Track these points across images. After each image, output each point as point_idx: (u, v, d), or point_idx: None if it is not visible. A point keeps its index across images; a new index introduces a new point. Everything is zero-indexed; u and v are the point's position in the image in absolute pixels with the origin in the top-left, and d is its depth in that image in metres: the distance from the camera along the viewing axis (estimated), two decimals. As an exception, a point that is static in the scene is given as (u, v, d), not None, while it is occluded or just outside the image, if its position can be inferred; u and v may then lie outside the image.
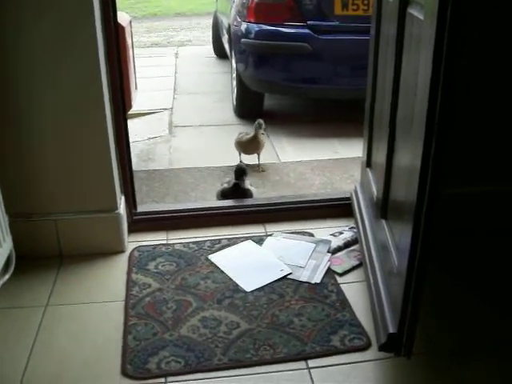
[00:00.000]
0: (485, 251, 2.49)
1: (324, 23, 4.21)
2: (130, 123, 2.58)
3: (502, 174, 2.59)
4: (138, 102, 4.94)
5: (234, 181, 2.98)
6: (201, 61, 7.36)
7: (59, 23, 2.13)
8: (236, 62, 4.72)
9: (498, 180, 2.60)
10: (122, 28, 3.23)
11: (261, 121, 3.68)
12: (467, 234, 2.55)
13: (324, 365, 1.87)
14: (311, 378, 1.81)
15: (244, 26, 4.43)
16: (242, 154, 3.78)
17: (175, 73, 6.66)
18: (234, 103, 4.93)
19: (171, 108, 5.18)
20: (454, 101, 1.47)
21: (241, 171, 3.01)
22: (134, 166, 2.70)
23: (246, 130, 3.85)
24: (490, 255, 2.46)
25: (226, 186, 3.02)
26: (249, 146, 3.70)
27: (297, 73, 4.30)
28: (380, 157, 2.22)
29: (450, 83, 1.42)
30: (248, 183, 3.04)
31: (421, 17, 1.59)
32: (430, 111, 1.46)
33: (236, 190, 2.96)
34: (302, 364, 1.87)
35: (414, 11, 1.71)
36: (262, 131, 3.67)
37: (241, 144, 3.73)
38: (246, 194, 2.99)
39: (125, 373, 1.83)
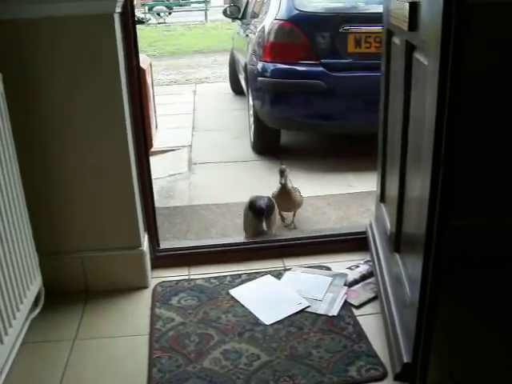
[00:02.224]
0: (499, 280, 2.53)
1: (337, 61, 4.31)
2: (151, 161, 2.68)
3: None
4: (158, 140, 5.08)
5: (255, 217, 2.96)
6: (218, 98, 7.51)
7: (89, 75, 2.26)
8: (253, 100, 4.83)
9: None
10: (143, 71, 3.36)
11: (282, 167, 3.36)
12: (482, 264, 2.60)
13: (342, 395, 1.93)
14: (329, 408, 1.87)
15: (260, 64, 4.55)
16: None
17: (193, 110, 6.80)
18: (252, 139, 5.04)
19: (190, 145, 5.29)
20: (460, 133, 1.54)
21: (260, 212, 2.96)
22: (156, 203, 2.79)
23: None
24: (505, 284, 2.51)
25: (257, 201, 3.03)
26: (280, 200, 3.27)
27: (312, 109, 4.39)
28: (393, 191, 2.29)
29: (454, 119, 1.50)
30: (264, 224, 2.94)
31: (425, 62, 1.68)
32: (436, 143, 1.54)
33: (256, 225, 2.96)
34: (320, 394, 1.94)
35: (419, 56, 1.80)
36: (290, 184, 3.34)
37: (274, 199, 3.27)
38: (263, 234, 2.94)
39: (150, 404, 1.91)
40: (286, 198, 3.30)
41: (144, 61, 3.59)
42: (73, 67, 2.25)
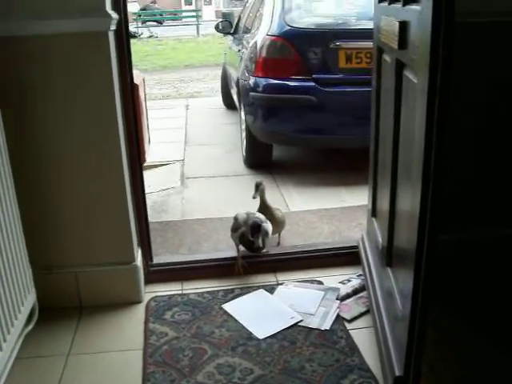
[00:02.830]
0: (489, 294, 2.56)
1: (329, 76, 4.34)
2: (143, 175, 2.71)
3: (503, 218, 2.69)
4: (151, 155, 5.10)
5: (249, 237, 2.82)
6: (210, 112, 7.54)
7: (84, 90, 2.29)
8: (245, 114, 4.86)
9: (501, 224, 2.70)
10: (137, 86, 3.39)
11: (258, 181, 3.30)
12: (472, 278, 2.64)
13: (334, 408, 1.95)
14: (323, 421, 1.89)
15: (252, 79, 4.59)
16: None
17: (186, 124, 6.83)
18: (244, 154, 5.07)
19: (183, 159, 5.31)
20: (449, 149, 1.58)
21: (255, 228, 2.83)
22: (148, 218, 2.81)
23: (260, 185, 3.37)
24: (494, 297, 2.54)
25: (244, 229, 2.86)
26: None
27: (303, 124, 4.42)
28: (384, 205, 2.32)
29: (443, 135, 1.53)
30: (260, 240, 2.83)
31: (414, 80, 1.72)
32: (425, 159, 1.57)
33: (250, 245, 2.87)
34: (313, 408, 1.95)
35: (408, 74, 1.84)
36: (274, 207, 3.25)
37: None
38: (258, 250, 2.87)
39: (145, 419, 1.92)
40: (266, 214, 3.10)
41: (137, 76, 3.62)
42: (68, 82, 2.27)
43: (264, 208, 3.23)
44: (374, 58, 2.55)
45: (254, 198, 3.23)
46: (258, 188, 3.22)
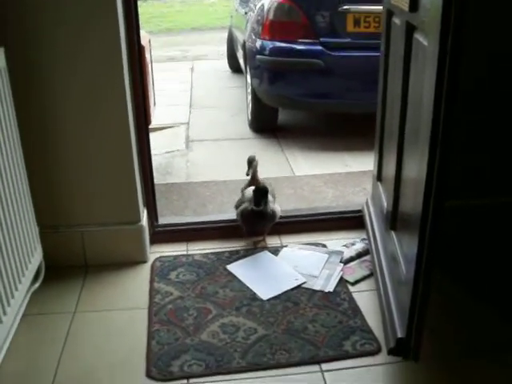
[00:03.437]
0: (491, 259, 2.59)
1: (336, 40, 4.32)
2: (149, 138, 2.71)
3: (507, 186, 2.70)
4: (156, 117, 5.08)
5: (253, 207, 2.66)
6: (216, 75, 7.50)
7: (89, 45, 2.27)
8: (251, 77, 4.84)
9: (505, 192, 2.71)
10: (143, 47, 3.37)
11: (251, 156, 3.00)
12: (476, 244, 2.65)
13: (336, 368, 1.97)
14: (324, 381, 1.92)
15: (259, 42, 4.56)
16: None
17: (191, 87, 6.80)
18: (249, 117, 5.06)
19: (188, 122, 5.30)
20: (457, 115, 1.57)
21: (261, 193, 2.67)
22: (154, 180, 2.82)
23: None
24: (497, 263, 2.56)
25: (246, 205, 2.71)
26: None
27: (310, 88, 4.40)
28: (390, 170, 2.32)
29: (452, 101, 1.53)
30: (271, 203, 2.71)
31: (425, 43, 1.70)
32: (434, 124, 1.57)
33: (258, 215, 2.67)
34: (315, 367, 1.98)
35: (419, 37, 1.82)
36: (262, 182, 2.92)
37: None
38: (273, 216, 2.70)
39: (149, 375, 1.95)
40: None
41: (143, 37, 3.59)
42: (75, 42, 2.26)
43: (254, 185, 2.94)
44: (384, 21, 2.52)
45: (247, 175, 2.98)
46: (251, 164, 2.96)
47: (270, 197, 2.71)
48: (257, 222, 2.72)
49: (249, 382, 1.93)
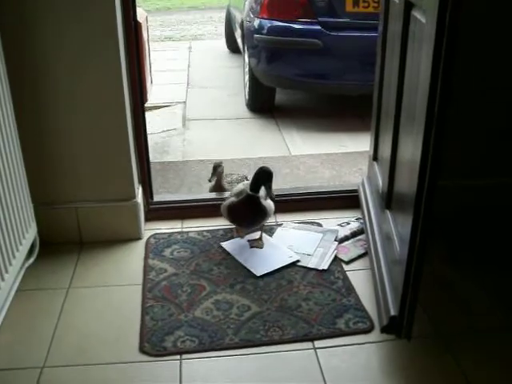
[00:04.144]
0: (484, 240, 2.60)
1: (335, 20, 4.30)
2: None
3: (502, 166, 2.71)
4: (153, 96, 5.06)
5: (249, 192, 2.41)
6: (214, 55, 7.46)
7: (85, 22, 2.24)
8: (248, 57, 4.82)
9: (498, 173, 2.72)
10: (140, 24, 3.34)
11: (217, 162, 2.83)
12: (469, 223, 2.67)
13: (329, 345, 1.98)
14: (317, 358, 1.93)
15: (257, 21, 4.53)
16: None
17: (188, 67, 6.77)
18: (247, 97, 5.04)
19: (185, 102, 5.29)
20: (453, 96, 1.57)
21: (266, 176, 2.43)
22: (150, 158, 2.81)
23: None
24: (489, 243, 2.57)
25: (233, 199, 2.46)
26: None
27: (308, 68, 4.39)
28: (386, 150, 2.32)
29: (448, 80, 1.52)
30: (264, 196, 2.46)
31: (423, 20, 1.69)
32: (429, 103, 1.56)
33: (252, 205, 2.43)
34: (308, 344, 1.99)
35: (417, 14, 1.81)
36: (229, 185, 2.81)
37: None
38: (264, 213, 2.47)
39: (143, 350, 1.95)
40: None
41: (140, 14, 3.56)
42: (70, 18, 2.23)
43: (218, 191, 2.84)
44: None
45: (209, 181, 2.83)
46: (216, 170, 2.78)
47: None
48: (249, 213, 2.46)
49: (242, 359, 1.93)
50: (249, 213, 2.46)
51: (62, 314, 2.15)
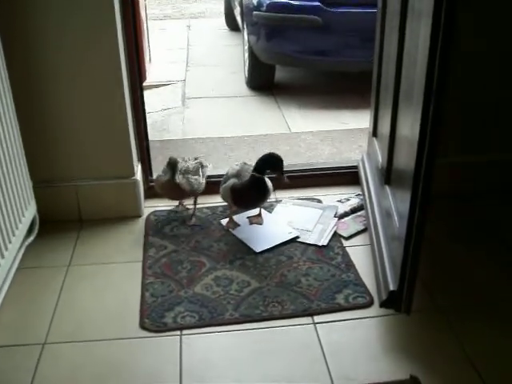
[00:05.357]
0: (483, 214, 2.60)
1: (335, -4, 4.26)
2: (144, 95, 2.68)
3: (501, 143, 2.70)
4: (152, 74, 5.04)
5: (255, 174, 2.38)
6: (213, 33, 7.40)
7: (83, 4, 2.23)
8: (248, 35, 4.78)
9: (497, 149, 2.71)
10: (137, 2, 3.32)
11: (172, 158, 2.46)
12: (467, 199, 2.67)
13: (329, 320, 1.99)
14: (316, 332, 1.94)
15: (256, -2, 4.49)
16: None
17: (188, 45, 6.72)
18: (246, 75, 5.01)
19: (184, 80, 5.25)
20: (450, 72, 1.55)
21: (278, 163, 2.39)
22: (149, 137, 2.80)
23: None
24: (489, 218, 2.57)
25: (235, 181, 2.43)
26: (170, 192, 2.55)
27: (307, 45, 4.35)
28: (385, 126, 2.31)
29: (447, 54, 1.51)
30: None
31: (421, -8, 1.68)
32: (427, 81, 1.56)
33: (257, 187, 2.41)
34: (308, 319, 2.00)
35: (415, -13, 1.80)
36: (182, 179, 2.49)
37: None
38: (268, 194, 2.47)
39: (143, 326, 1.97)
40: (175, 190, 2.49)
41: (138, -9, 3.55)
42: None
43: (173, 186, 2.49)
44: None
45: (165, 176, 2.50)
46: (175, 168, 2.45)
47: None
48: (254, 195, 2.45)
49: (242, 334, 1.94)
50: (254, 194, 2.44)
51: (62, 292, 2.16)
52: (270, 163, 2.40)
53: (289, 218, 2.55)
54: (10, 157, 2.11)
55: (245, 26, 4.95)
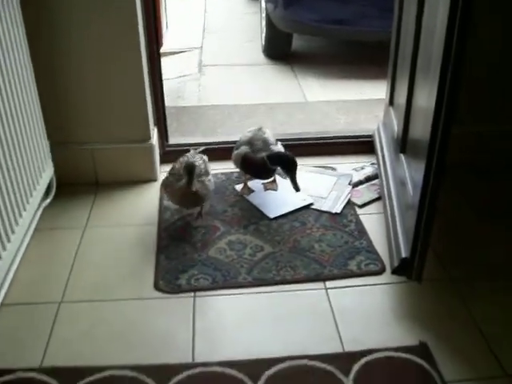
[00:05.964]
0: (497, 184, 2.60)
1: (354, -37, 4.21)
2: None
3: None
4: (168, 41, 5.03)
5: (266, 160, 2.37)
6: (230, 0, 7.35)
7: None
8: (265, 2, 4.74)
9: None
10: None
11: (189, 162, 2.21)
12: (482, 170, 2.66)
13: (340, 286, 2.02)
14: (328, 297, 1.96)
15: (274, -35, 4.44)
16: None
17: (205, 12, 6.68)
18: (263, 43, 4.98)
19: (201, 47, 5.23)
20: (468, 43, 1.55)
21: (291, 166, 2.36)
22: (165, 102, 2.81)
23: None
24: (505, 190, 2.57)
25: (247, 150, 2.43)
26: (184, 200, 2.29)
27: (325, 14, 4.31)
28: (402, 96, 2.30)
29: (466, 25, 1.50)
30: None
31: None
32: (446, 50, 1.55)
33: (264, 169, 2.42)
34: (320, 284, 2.02)
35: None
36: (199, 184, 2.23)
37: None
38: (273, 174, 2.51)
39: (157, 287, 2.00)
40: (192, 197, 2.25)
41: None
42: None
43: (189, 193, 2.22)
44: None
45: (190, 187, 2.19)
46: (192, 174, 2.17)
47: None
48: (260, 172, 2.47)
49: (254, 296, 1.97)
50: (260, 171, 2.46)
51: (78, 252, 2.20)
52: (282, 162, 2.39)
53: (303, 185, 2.55)
54: (28, 118, 2.13)
55: (263, -6, 4.92)
